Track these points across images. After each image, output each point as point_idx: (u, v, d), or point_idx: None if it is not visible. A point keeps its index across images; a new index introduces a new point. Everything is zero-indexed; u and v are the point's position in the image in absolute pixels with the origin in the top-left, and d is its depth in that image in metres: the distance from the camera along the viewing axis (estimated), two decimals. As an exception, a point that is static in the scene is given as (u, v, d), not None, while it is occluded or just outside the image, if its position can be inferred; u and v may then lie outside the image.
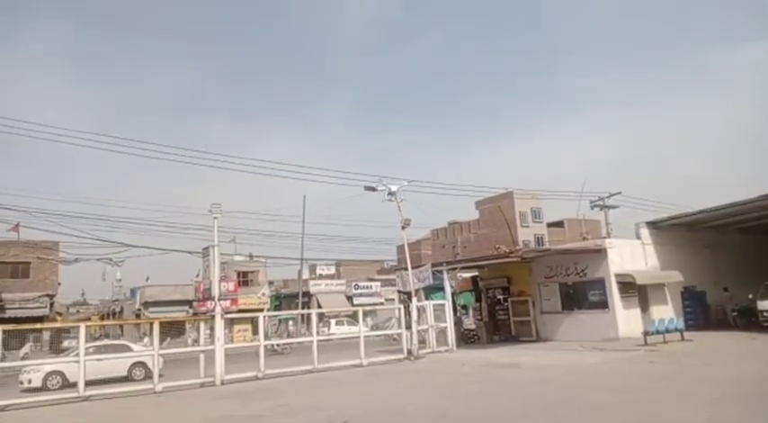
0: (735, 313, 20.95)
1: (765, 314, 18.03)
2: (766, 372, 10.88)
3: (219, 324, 14.57)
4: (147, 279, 43.07)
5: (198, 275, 36.16)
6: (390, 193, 19.90)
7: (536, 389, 10.47)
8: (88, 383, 13.10)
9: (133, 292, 45.75)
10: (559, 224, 54.54)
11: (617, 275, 19.67)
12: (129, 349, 17.86)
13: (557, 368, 13.17)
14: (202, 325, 16.31)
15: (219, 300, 15.09)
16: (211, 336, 15.22)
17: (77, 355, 13.36)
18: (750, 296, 19.04)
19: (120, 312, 49.24)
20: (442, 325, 19.80)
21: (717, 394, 8.67)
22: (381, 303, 45.25)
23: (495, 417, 8.08)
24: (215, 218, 15.13)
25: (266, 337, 30.30)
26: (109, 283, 49.03)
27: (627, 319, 19.39)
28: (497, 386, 11.26)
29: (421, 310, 19.37)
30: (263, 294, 42.13)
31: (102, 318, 53.29)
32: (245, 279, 43.51)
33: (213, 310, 14.95)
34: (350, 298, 46.73)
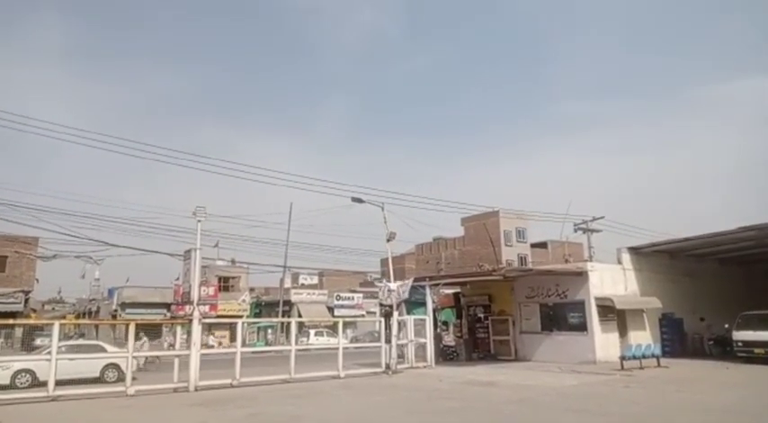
0: (711, 342, 21.19)
1: (740, 344, 18.24)
2: (738, 402, 10.99)
3: (197, 329, 14.40)
4: (128, 280, 42.51)
5: (178, 278, 35.77)
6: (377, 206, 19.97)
7: (513, 408, 10.49)
8: (59, 383, 12.81)
9: (111, 292, 45.07)
10: (543, 245, 54.96)
11: (597, 299, 19.84)
12: (103, 350, 17.54)
13: (534, 388, 13.21)
14: (179, 329, 16.10)
15: (198, 304, 14.92)
16: (188, 340, 15.02)
17: (49, 353, 13.09)
18: (726, 326, 19.29)
19: (97, 312, 48.46)
20: (422, 340, 19.78)
21: (690, 421, 8.73)
22: (363, 316, 45.08)
23: None
24: (199, 221, 15.02)
25: (244, 343, 29.71)
26: (87, 281, 48.30)
27: (605, 342, 19.52)
28: (474, 404, 11.26)
29: (401, 325, 19.34)
30: (244, 301, 41.79)
31: (78, 317, 52.35)
32: (226, 284, 43.15)
33: (191, 315, 14.77)
34: (331, 309, 46.49)
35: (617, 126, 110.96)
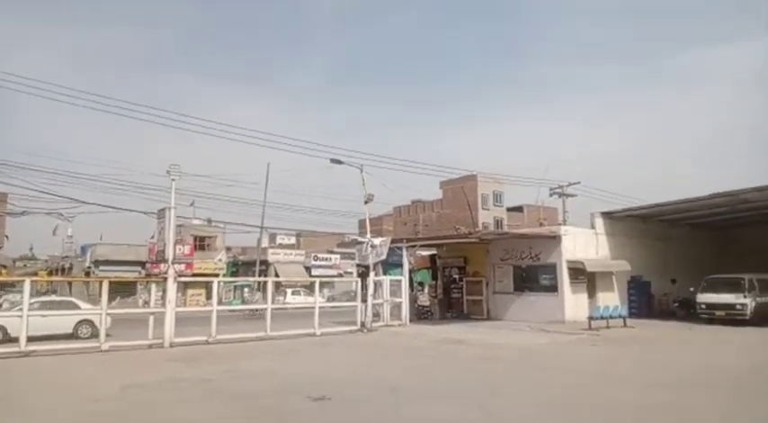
0: (676, 304, 21.98)
1: (703, 307, 18.98)
2: (697, 359, 11.51)
3: (172, 287, 14.36)
4: (101, 237, 41.92)
5: (153, 237, 35.41)
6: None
7: (483, 365, 10.85)
8: (31, 339, 12.75)
9: (84, 249, 44.40)
10: (519, 209, 55.77)
11: (568, 262, 20.34)
12: (76, 306, 17.45)
13: (505, 347, 13.63)
14: (153, 287, 16.04)
15: (173, 263, 14.88)
16: (163, 298, 15.03)
17: (20, 309, 12.98)
18: (691, 289, 19.99)
19: (70, 269, 47.86)
20: (398, 300, 20.15)
21: (649, 377, 9.14)
22: (340, 276, 45.38)
23: (443, 389, 8.32)
24: (173, 179, 14.76)
25: (220, 301, 29.70)
26: (60, 238, 47.42)
27: (574, 303, 20.14)
28: (446, 360, 11.58)
29: (377, 285, 19.60)
30: (220, 260, 41.68)
31: (51, 274, 51.72)
32: (202, 243, 42.85)
33: (167, 273, 14.73)
34: (308, 269, 46.67)
35: (595, 90, 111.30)
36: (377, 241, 19.53)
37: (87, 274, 39.28)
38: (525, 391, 8.15)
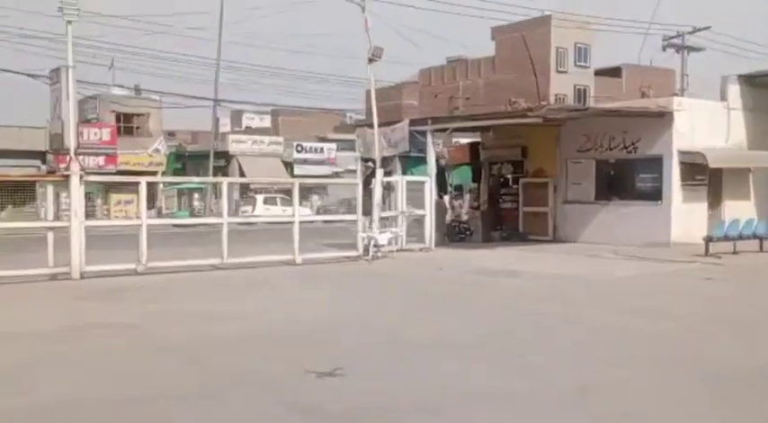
0: None
1: None
2: None
3: (77, 190, 14.36)
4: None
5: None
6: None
7: (536, 307, 10.93)
8: None
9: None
10: (615, 72, 54.18)
11: (682, 153, 20.02)
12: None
13: (573, 280, 13.76)
14: (50, 190, 16.13)
15: (79, 153, 14.91)
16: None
17: None
18: None
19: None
20: (419, 212, 20.19)
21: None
22: (337, 174, 45.58)
23: (469, 348, 8.27)
24: (68, 22, 14.33)
25: (159, 212, 30.22)
26: None
27: (686, 216, 20.11)
28: (481, 302, 11.67)
29: (389, 189, 19.62)
30: (157, 151, 41.90)
31: None
32: (128, 126, 42.84)
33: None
34: (290, 165, 46.82)
35: None
36: (403, 128, 19.15)
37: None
38: (596, 346, 8.19)
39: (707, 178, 20.62)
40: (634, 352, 7.84)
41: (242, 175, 41.60)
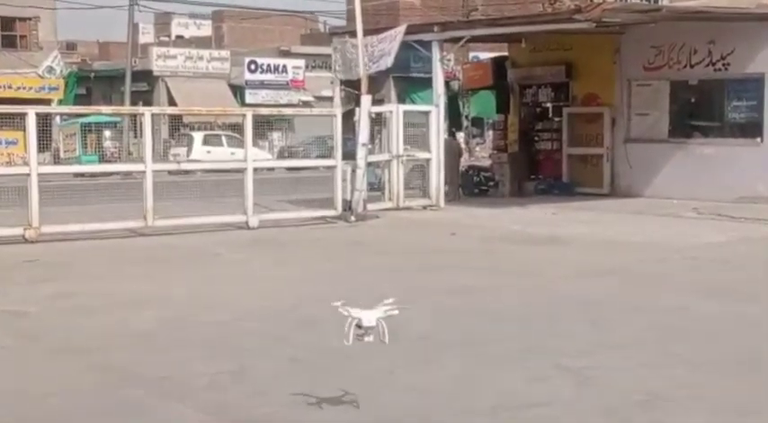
0: None
1: None
2: None
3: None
4: None
5: None
6: None
7: (592, 287, 9.00)
8: None
9: None
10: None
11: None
12: None
13: (640, 251, 11.84)
14: None
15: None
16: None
17: None
18: None
19: None
20: (423, 156, 17.39)
21: None
22: (307, 103, 40.18)
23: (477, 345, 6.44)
24: None
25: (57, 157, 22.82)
26: None
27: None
28: (512, 282, 9.47)
29: (380, 123, 16.96)
30: (51, 70, 36.79)
31: None
32: (8, 34, 38.35)
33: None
34: (239, 90, 41.52)
35: None
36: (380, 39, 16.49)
37: None
38: (674, 341, 6.61)
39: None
40: (723, 349, 6.34)
41: (172, 103, 37.10)
